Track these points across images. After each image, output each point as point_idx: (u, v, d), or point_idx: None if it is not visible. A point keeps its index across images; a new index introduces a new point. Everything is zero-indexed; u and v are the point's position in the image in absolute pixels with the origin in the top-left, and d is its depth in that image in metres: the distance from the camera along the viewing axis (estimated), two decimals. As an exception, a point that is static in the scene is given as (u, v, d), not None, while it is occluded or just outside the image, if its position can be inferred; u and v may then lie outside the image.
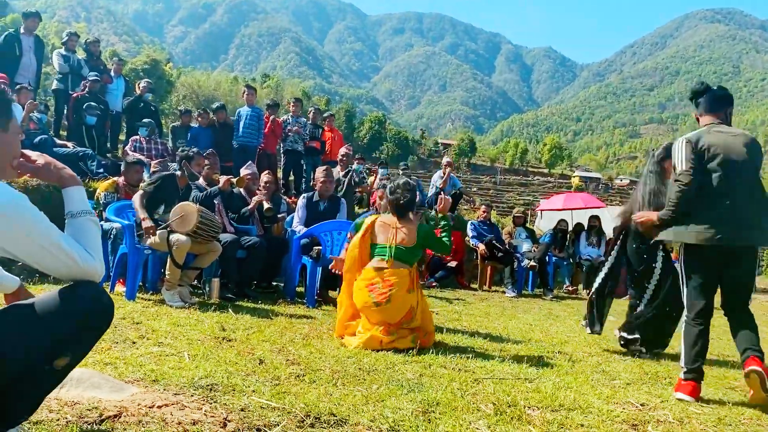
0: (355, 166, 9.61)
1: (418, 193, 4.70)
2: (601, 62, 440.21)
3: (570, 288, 10.39)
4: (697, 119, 3.66)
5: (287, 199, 8.16)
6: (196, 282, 5.99)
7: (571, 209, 12.50)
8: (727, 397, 3.34)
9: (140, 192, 5.37)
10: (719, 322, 7.83)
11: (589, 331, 4.80)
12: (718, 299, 3.45)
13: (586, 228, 11.11)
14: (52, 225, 1.67)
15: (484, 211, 10.30)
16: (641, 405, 2.98)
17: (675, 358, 4.51)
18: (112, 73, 10.24)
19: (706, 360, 4.26)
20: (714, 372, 4.08)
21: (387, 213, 4.39)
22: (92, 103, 8.86)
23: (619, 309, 5.42)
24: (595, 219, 11.08)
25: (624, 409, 2.89)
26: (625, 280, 4.78)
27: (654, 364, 4.21)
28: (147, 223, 5.17)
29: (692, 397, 3.19)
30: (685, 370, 3.30)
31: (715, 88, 3.69)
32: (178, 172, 5.61)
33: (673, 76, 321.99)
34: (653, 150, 4.85)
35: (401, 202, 4.24)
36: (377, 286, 4.03)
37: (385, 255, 4.13)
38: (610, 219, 13.62)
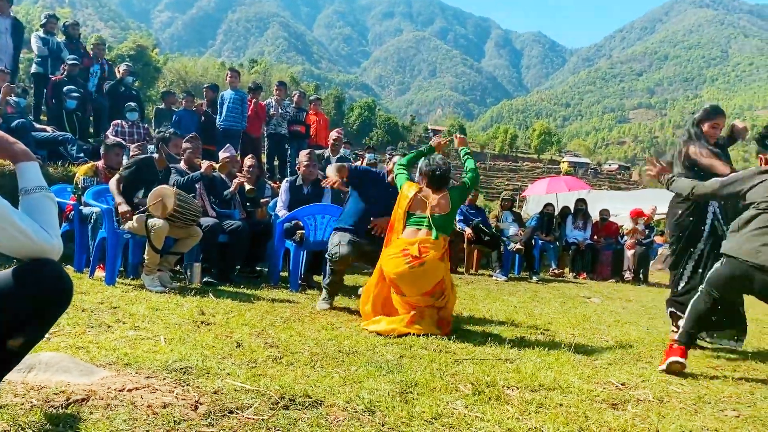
0: (342, 151, 9.55)
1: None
2: (590, 47, 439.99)
3: (556, 271, 10.39)
4: (763, 161, 3.63)
5: (272, 184, 8.08)
6: (177, 267, 5.92)
7: (556, 192, 12.51)
8: (706, 376, 3.33)
9: (117, 176, 5.27)
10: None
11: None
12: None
13: (572, 211, 11.12)
14: (5, 201, 1.60)
15: (472, 196, 10.26)
16: (621, 384, 2.97)
17: (656, 340, 4.52)
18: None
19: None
20: (694, 352, 4.08)
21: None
22: (72, 87, 8.72)
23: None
24: (581, 202, 11.09)
25: (604, 388, 2.87)
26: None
27: (635, 344, 4.20)
28: (123, 208, 5.09)
29: (683, 358, 3.27)
30: (680, 337, 3.39)
31: None
32: (156, 155, 5.51)
33: (661, 61, 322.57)
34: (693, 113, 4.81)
35: (437, 172, 4.28)
36: (411, 250, 4.01)
37: (422, 224, 4.15)
38: (596, 202, 13.65)
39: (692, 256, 4.34)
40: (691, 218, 4.35)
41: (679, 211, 4.42)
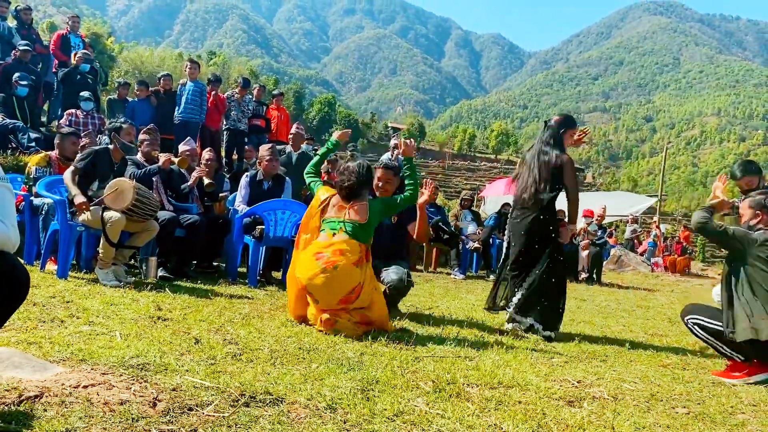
0: (303, 146, 9.47)
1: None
2: (548, 50, 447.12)
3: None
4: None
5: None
6: (133, 261, 5.79)
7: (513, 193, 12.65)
8: (659, 375, 3.43)
9: (72, 168, 5.11)
10: (653, 303, 8.09)
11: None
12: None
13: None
14: None
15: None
16: (578, 382, 3.03)
17: (610, 340, 4.64)
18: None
19: (639, 340, 4.40)
20: (647, 350, 4.20)
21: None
22: (23, 74, 8.42)
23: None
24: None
25: (561, 386, 2.93)
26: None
27: (591, 343, 4.30)
28: (79, 199, 4.92)
29: None
30: None
31: None
32: (111, 146, 5.37)
33: (617, 66, 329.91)
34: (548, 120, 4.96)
35: (345, 185, 4.12)
36: (325, 254, 3.85)
37: (335, 228, 4.01)
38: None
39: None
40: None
41: None
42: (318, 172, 4.57)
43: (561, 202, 4.74)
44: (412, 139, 4.72)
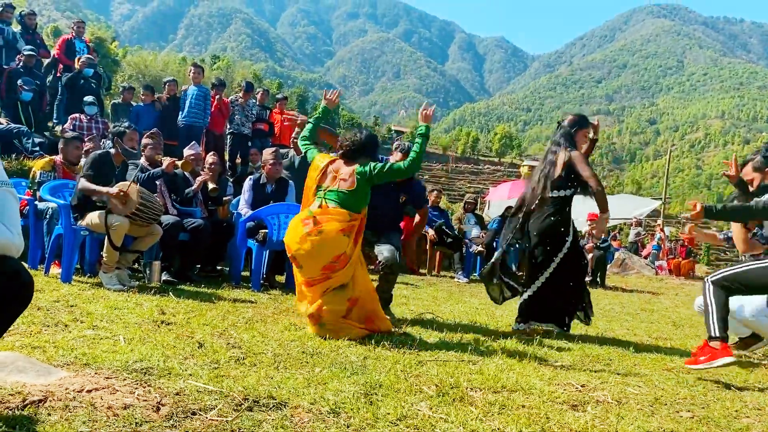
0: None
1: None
2: (551, 53, 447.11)
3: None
4: None
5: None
6: (136, 265, 5.80)
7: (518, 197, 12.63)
8: (663, 378, 3.42)
9: (84, 177, 5.09)
10: (658, 306, 8.07)
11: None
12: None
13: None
14: None
15: (435, 197, 10.32)
16: (581, 386, 3.02)
17: (614, 343, 4.62)
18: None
19: (644, 343, 4.39)
20: (651, 354, 4.19)
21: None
22: (28, 79, 8.46)
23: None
24: (541, 206, 11.24)
25: (565, 390, 2.92)
26: None
27: (595, 346, 4.29)
28: (113, 189, 4.82)
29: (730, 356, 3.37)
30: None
31: None
32: (112, 150, 5.38)
33: (620, 69, 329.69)
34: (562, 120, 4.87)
35: (344, 144, 4.10)
36: (311, 221, 3.80)
37: (327, 197, 3.92)
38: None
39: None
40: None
41: None
42: (312, 139, 4.41)
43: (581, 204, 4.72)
44: (432, 106, 4.44)
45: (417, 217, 5.06)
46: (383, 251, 4.47)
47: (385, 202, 4.60)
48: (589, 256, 10.86)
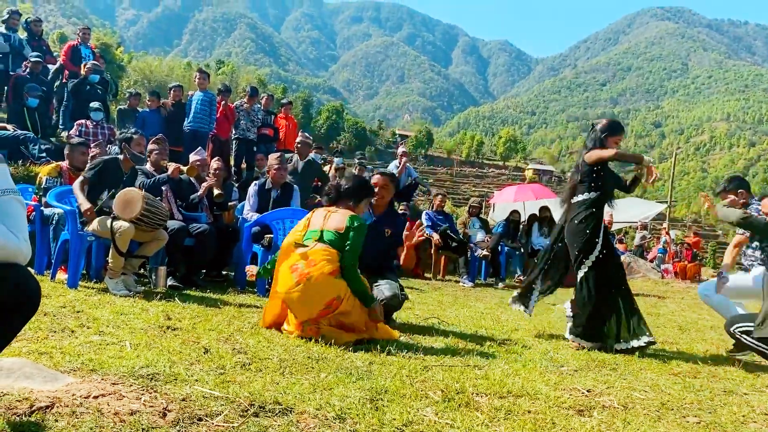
0: (312, 155, 9.51)
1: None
2: (555, 57, 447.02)
3: (521, 278, 10.50)
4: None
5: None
6: (142, 270, 5.82)
7: (523, 201, 12.65)
8: (669, 383, 3.41)
9: (81, 178, 5.16)
10: (664, 310, 8.03)
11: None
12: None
13: (538, 218, 11.27)
14: None
15: (439, 201, 10.32)
16: (587, 391, 3.02)
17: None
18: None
19: (650, 347, 4.38)
20: (658, 359, 4.17)
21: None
22: (34, 85, 8.51)
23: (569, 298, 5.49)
24: (545, 210, 11.23)
25: (571, 395, 2.91)
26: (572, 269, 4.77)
27: (601, 351, 4.28)
28: (85, 206, 4.96)
29: None
30: None
31: None
32: (120, 156, 5.41)
33: (625, 72, 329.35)
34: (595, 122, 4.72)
35: (334, 184, 4.07)
36: (300, 265, 3.66)
37: (311, 238, 3.80)
38: (561, 209, 13.85)
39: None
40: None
41: None
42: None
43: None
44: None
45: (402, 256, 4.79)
46: (384, 291, 4.29)
47: (372, 241, 4.28)
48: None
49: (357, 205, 4.08)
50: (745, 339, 3.83)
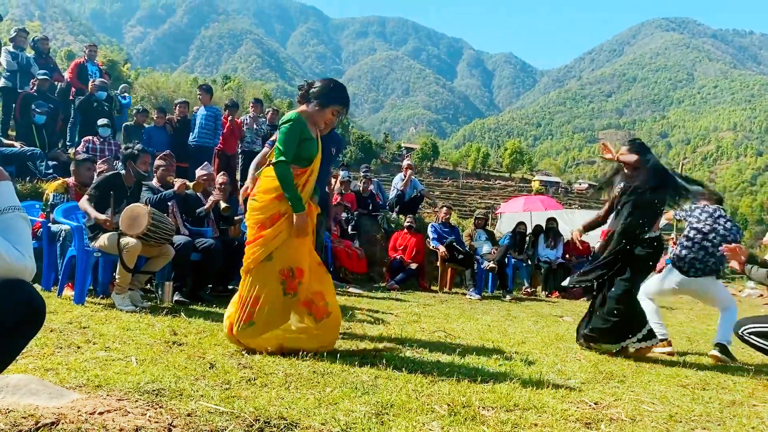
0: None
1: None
2: (560, 68, 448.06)
3: (528, 290, 10.47)
4: None
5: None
6: (148, 285, 5.83)
7: (531, 211, 12.64)
8: (678, 395, 3.38)
9: (86, 196, 5.18)
10: (672, 321, 7.99)
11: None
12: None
13: (544, 230, 11.24)
14: None
15: (445, 213, 10.31)
16: (595, 404, 2.99)
17: (628, 359, 4.57)
18: None
19: (658, 359, 4.35)
20: (666, 370, 4.14)
21: None
22: (41, 102, 8.59)
23: (577, 310, 5.47)
24: (552, 221, 11.21)
25: (578, 408, 2.89)
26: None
27: (608, 363, 4.25)
28: (101, 217, 4.98)
29: None
30: None
31: None
32: (123, 171, 5.44)
33: (630, 83, 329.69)
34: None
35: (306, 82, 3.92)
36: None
37: None
38: (568, 221, 13.82)
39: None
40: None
41: None
42: None
43: None
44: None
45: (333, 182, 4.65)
46: None
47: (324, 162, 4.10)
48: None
49: (322, 110, 3.80)
50: (755, 341, 3.81)
